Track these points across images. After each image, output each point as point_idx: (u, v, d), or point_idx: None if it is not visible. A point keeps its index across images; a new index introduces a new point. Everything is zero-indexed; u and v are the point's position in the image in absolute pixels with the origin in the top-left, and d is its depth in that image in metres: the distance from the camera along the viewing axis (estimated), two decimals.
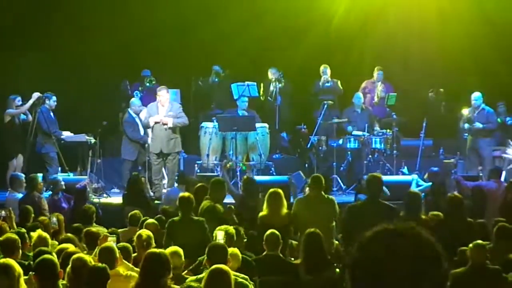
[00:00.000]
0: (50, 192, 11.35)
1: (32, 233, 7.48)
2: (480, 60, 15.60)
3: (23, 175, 11.54)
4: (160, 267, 5.28)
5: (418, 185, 11.53)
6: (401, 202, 8.64)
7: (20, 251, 6.66)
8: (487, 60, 15.54)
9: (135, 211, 9.29)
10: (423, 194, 10.77)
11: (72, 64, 15.46)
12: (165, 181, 13.45)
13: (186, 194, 8.69)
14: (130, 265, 6.60)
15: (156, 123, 13.14)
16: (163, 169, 13.30)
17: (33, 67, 15.04)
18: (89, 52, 15.51)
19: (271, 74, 15.33)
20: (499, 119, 14.27)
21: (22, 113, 13.61)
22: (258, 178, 12.51)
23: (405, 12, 16.10)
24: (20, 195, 10.99)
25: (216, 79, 15.58)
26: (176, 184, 12.40)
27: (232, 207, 9.01)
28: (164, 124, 13.08)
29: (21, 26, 15.32)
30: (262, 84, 15.32)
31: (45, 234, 7.56)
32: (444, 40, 16.11)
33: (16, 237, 6.76)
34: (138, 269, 6.08)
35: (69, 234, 7.95)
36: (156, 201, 12.27)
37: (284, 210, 8.78)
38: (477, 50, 15.69)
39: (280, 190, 8.88)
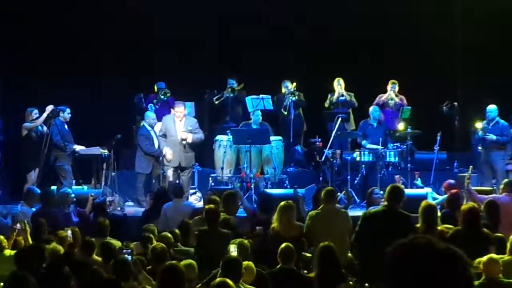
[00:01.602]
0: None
1: (47, 246, 7.51)
2: (496, 71, 15.55)
3: (38, 190, 11.52)
4: (178, 280, 5.30)
5: (433, 199, 11.47)
6: (416, 215, 8.56)
7: (35, 263, 6.68)
8: (504, 71, 15.50)
9: (150, 224, 9.29)
10: (438, 206, 10.73)
11: (85, 76, 15.51)
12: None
13: (213, 206, 8.66)
14: (148, 276, 6.61)
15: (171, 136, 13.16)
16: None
17: (47, 79, 15.12)
18: (103, 65, 15.59)
19: (284, 87, 15.32)
20: None
21: (38, 126, 13.69)
22: (270, 191, 12.53)
23: (419, 24, 16.08)
24: (32, 209, 10.83)
25: (231, 94, 15.55)
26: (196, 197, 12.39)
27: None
28: (183, 140, 13.10)
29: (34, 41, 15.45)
30: (275, 98, 15.29)
31: (59, 247, 7.59)
32: (459, 52, 16.10)
33: (30, 250, 6.79)
34: (154, 282, 6.11)
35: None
36: None
37: (296, 222, 8.77)
38: (493, 60, 15.65)
39: (292, 203, 8.88)
